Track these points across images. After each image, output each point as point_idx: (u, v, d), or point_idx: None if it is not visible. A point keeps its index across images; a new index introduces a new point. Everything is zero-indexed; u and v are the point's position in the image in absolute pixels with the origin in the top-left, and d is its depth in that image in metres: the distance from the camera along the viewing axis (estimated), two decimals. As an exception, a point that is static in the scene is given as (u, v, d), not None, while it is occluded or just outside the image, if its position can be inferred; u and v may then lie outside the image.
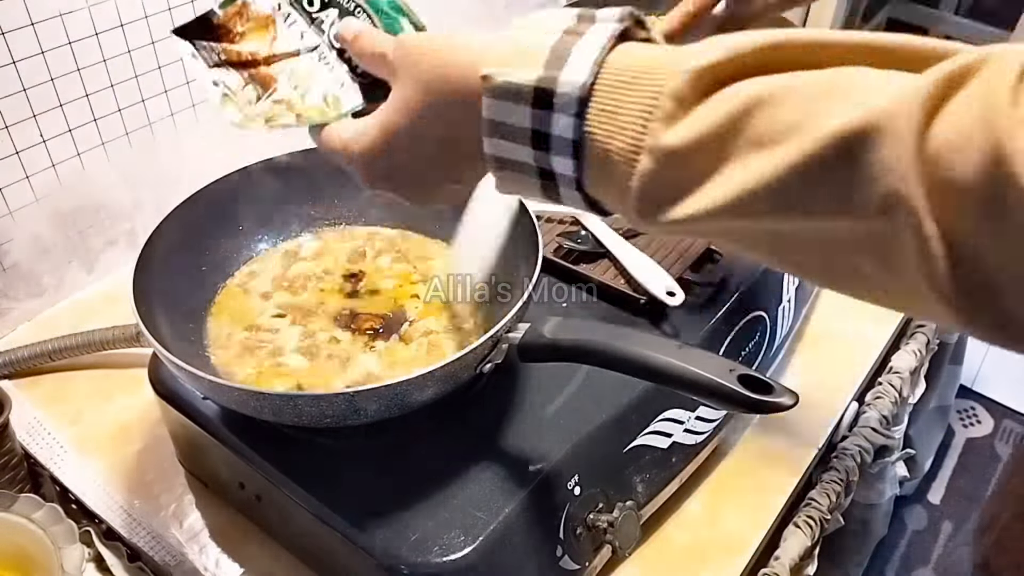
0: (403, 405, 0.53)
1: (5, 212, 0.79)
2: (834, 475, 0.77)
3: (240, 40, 0.55)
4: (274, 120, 0.52)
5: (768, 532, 0.70)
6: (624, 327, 0.53)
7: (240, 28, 0.55)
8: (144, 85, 0.84)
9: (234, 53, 0.55)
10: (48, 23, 0.74)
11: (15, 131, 0.76)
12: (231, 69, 0.54)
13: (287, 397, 0.53)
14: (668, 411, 0.65)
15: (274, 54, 0.54)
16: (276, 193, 0.70)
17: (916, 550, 1.53)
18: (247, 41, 0.55)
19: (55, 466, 0.71)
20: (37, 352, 0.78)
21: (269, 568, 0.64)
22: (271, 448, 0.58)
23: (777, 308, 0.77)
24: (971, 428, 1.75)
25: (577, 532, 0.59)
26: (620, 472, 0.63)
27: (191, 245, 0.66)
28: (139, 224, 0.90)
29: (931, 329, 0.93)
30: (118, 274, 0.90)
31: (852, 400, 0.83)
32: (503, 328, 0.53)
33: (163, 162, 0.89)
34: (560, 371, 0.62)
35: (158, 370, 0.64)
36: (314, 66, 0.53)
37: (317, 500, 0.55)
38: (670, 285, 0.68)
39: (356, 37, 0.49)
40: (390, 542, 0.52)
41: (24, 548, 0.60)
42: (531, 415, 0.60)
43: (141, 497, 0.69)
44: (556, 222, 0.77)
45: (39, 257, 0.83)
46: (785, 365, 0.84)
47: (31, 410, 0.76)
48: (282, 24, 0.54)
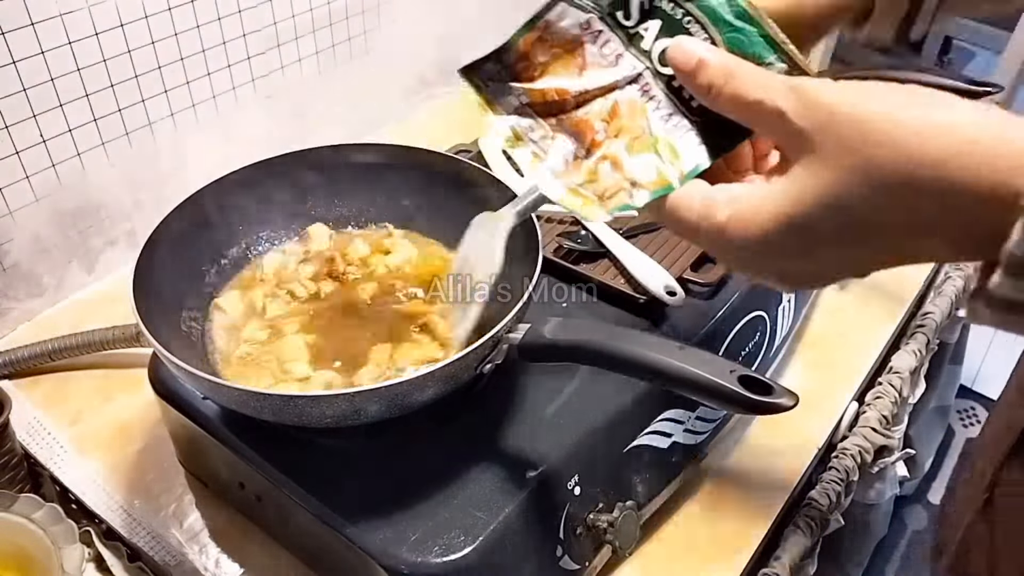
0: (403, 405, 0.53)
1: (5, 212, 0.79)
2: (834, 475, 0.77)
3: (543, 75, 0.42)
4: (613, 199, 0.40)
5: (768, 532, 0.70)
6: (624, 327, 0.53)
7: (542, 58, 0.42)
8: (144, 85, 0.84)
9: (538, 94, 0.42)
10: (48, 23, 0.74)
11: (15, 131, 0.76)
12: (536, 117, 0.43)
13: (287, 397, 0.53)
14: (668, 411, 0.65)
15: (586, 90, 0.42)
16: (276, 193, 0.70)
17: (916, 550, 1.53)
18: (551, 75, 0.42)
19: (55, 466, 0.71)
20: (37, 352, 0.78)
21: (269, 568, 0.64)
22: (271, 448, 0.58)
23: (777, 308, 0.77)
24: (971, 428, 1.75)
25: (577, 532, 0.59)
26: (620, 472, 0.63)
27: (191, 245, 0.65)
28: (139, 224, 0.90)
29: (931, 329, 0.93)
30: (118, 274, 0.90)
31: (852, 400, 0.83)
32: (503, 328, 0.53)
33: (163, 162, 0.89)
34: (560, 371, 0.62)
35: (158, 370, 0.64)
36: (637, 103, 0.40)
37: (317, 500, 0.55)
38: (670, 284, 0.68)
39: (727, 76, 0.35)
40: (390, 542, 0.52)
41: (24, 548, 0.60)
42: (531, 415, 0.60)
43: (141, 497, 0.69)
44: (556, 222, 0.77)
45: (39, 257, 0.83)
46: (785, 365, 0.84)
47: (31, 410, 0.76)
48: (592, 47, 0.41)
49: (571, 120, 0.42)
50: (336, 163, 0.72)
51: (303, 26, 0.97)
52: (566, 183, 0.42)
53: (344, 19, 1.02)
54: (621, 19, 0.40)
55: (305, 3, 0.96)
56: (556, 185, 0.42)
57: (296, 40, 0.97)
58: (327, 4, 0.99)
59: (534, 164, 0.42)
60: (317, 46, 1.00)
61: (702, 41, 0.38)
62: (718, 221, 0.36)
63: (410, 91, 1.19)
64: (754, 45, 0.37)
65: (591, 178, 0.41)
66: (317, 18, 0.98)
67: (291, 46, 0.97)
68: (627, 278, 0.70)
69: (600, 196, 0.40)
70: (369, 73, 1.09)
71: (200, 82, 0.89)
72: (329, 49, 1.02)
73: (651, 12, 0.39)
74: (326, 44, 1.02)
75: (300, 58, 0.99)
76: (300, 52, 0.99)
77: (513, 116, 0.43)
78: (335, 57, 1.04)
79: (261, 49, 0.94)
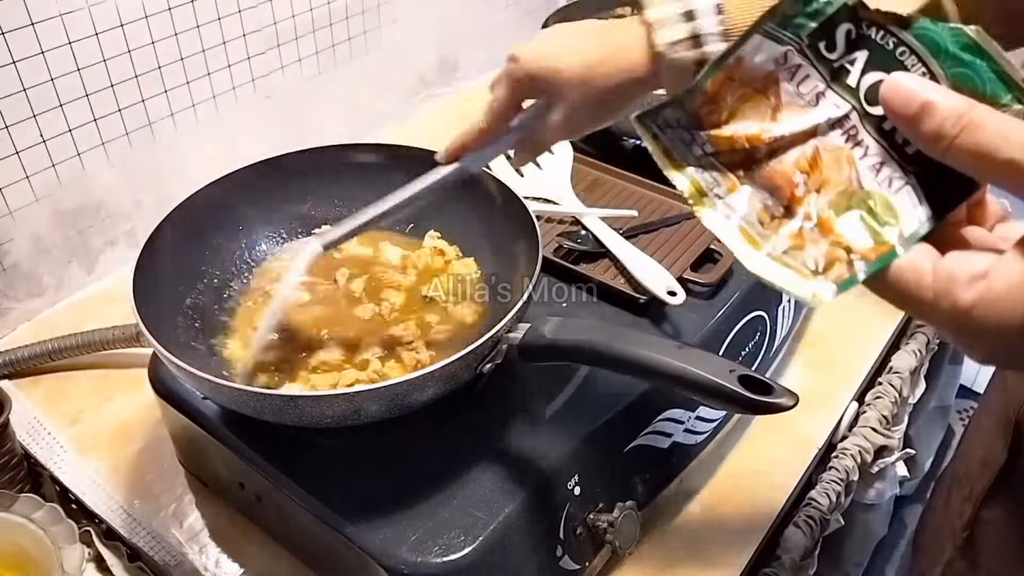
0: (403, 405, 0.53)
1: (5, 212, 0.79)
2: (834, 475, 0.77)
3: (731, 119, 0.36)
4: (830, 271, 0.34)
5: (768, 532, 0.70)
6: (624, 327, 0.53)
7: (730, 100, 0.36)
8: (144, 85, 0.84)
9: (725, 142, 0.36)
10: (48, 23, 0.74)
11: (15, 131, 0.76)
12: (722, 169, 0.37)
13: (287, 397, 0.53)
14: (668, 411, 0.65)
15: (782, 135, 0.35)
16: (276, 193, 0.70)
17: (916, 550, 1.53)
18: (740, 119, 0.36)
19: (55, 466, 0.71)
20: (37, 352, 0.78)
21: (269, 568, 0.64)
22: (271, 448, 0.58)
23: (777, 308, 0.77)
24: (971, 428, 1.74)
25: (577, 532, 0.59)
26: (620, 472, 0.63)
27: (191, 245, 0.65)
28: (139, 224, 0.90)
29: (931, 329, 0.93)
30: (118, 274, 0.90)
31: (852, 400, 0.83)
32: (503, 328, 0.53)
33: (163, 162, 0.89)
34: (560, 371, 0.62)
35: (158, 370, 0.64)
36: (842, 151, 0.34)
37: (317, 500, 0.55)
38: (671, 284, 0.68)
39: (963, 125, 0.29)
40: (390, 542, 0.52)
41: (24, 548, 0.60)
42: (531, 415, 0.60)
43: (141, 497, 0.69)
44: (556, 222, 0.77)
45: (39, 257, 0.83)
46: (785, 365, 0.84)
47: (31, 410, 0.76)
48: (788, 85, 0.35)
49: (765, 172, 0.36)
50: (336, 163, 0.72)
51: (303, 26, 0.97)
52: (768, 251, 0.35)
53: (344, 19, 1.02)
54: (823, 50, 0.34)
55: (305, 3, 0.96)
56: (760, 257, 0.36)
57: (296, 40, 0.97)
58: (327, 4, 0.99)
59: (744, 245, 0.35)
60: (317, 46, 1.00)
61: (921, 77, 0.31)
62: (963, 303, 0.29)
63: (410, 91, 1.19)
64: (986, 83, 0.30)
65: (796, 244, 0.35)
66: (317, 18, 0.98)
67: (291, 46, 0.97)
68: (627, 278, 0.70)
69: (814, 268, 0.34)
70: (369, 73, 1.09)
71: (200, 82, 0.89)
72: (329, 49, 1.02)
73: (858, 42, 0.33)
74: (326, 44, 1.02)
75: (300, 58, 0.99)
76: (300, 52, 0.99)
77: (694, 168, 0.37)
78: (335, 57, 1.04)
79: (261, 49, 0.94)
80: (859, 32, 0.33)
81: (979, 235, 0.34)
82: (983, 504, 0.70)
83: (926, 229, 0.32)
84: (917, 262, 0.31)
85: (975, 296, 0.29)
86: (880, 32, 0.33)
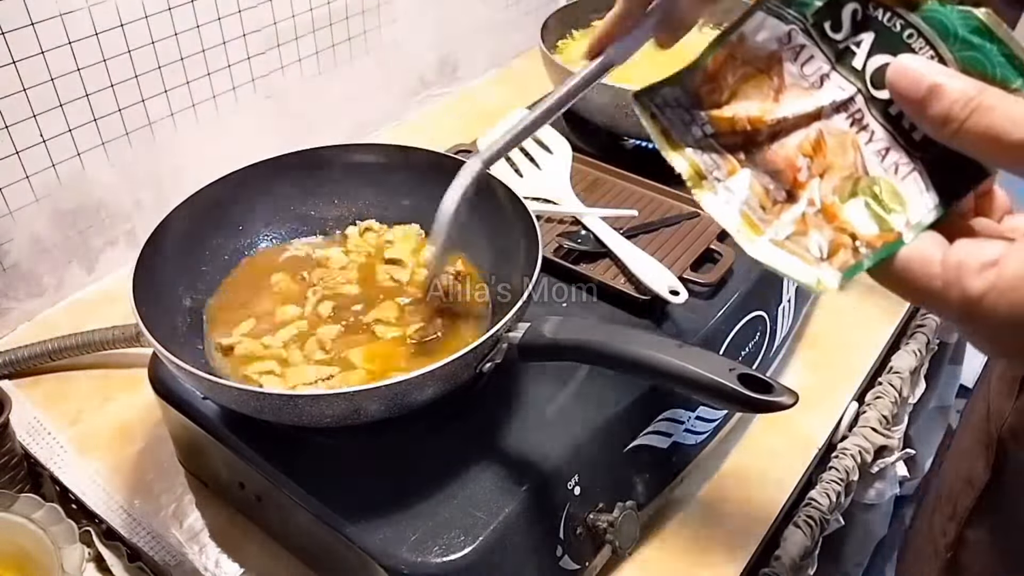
0: (403, 405, 0.53)
1: (5, 212, 0.79)
2: (834, 475, 0.77)
3: (732, 99, 0.35)
4: (835, 259, 0.33)
5: (768, 532, 0.70)
6: (624, 327, 0.53)
7: (731, 79, 0.35)
8: (144, 85, 0.84)
9: (725, 123, 0.35)
10: (48, 23, 0.74)
11: (15, 131, 0.76)
12: (722, 151, 0.36)
13: (287, 397, 0.53)
14: (668, 411, 0.65)
15: (783, 118, 0.34)
16: (276, 193, 0.70)
17: (916, 550, 1.53)
18: (742, 100, 0.35)
19: (55, 466, 0.71)
20: (37, 352, 0.78)
21: (269, 568, 0.64)
22: (271, 448, 0.58)
23: (777, 308, 0.77)
24: (971, 428, 1.74)
25: (577, 532, 0.59)
26: (620, 472, 0.63)
27: (191, 245, 0.65)
28: (139, 224, 0.90)
29: (931, 329, 0.93)
30: (118, 274, 0.90)
31: (852, 400, 0.83)
32: (503, 328, 0.53)
33: (163, 162, 0.89)
34: (560, 371, 0.62)
35: (158, 370, 0.64)
36: (847, 135, 0.33)
37: (317, 500, 0.55)
38: (673, 284, 0.68)
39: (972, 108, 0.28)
40: (390, 542, 0.52)
41: (24, 548, 0.60)
42: (531, 415, 0.60)
43: (141, 497, 0.69)
44: (556, 222, 0.77)
45: (39, 257, 0.83)
46: (785, 365, 0.84)
47: (31, 410, 0.76)
48: (791, 66, 0.34)
49: (766, 155, 0.35)
50: (336, 163, 0.72)
51: (303, 26, 0.97)
52: (771, 236, 0.34)
53: (344, 19, 1.02)
54: (828, 31, 0.33)
55: (305, 3, 0.96)
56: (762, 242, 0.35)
57: (296, 40, 0.97)
58: (327, 4, 0.99)
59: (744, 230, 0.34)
60: (317, 46, 1.00)
61: (929, 60, 0.30)
62: (973, 292, 0.28)
63: (410, 91, 1.19)
64: (996, 67, 0.29)
65: (800, 229, 0.34)
66: (317, 18, 0.98)
67: (291, 46, 0.97)
68: (628, 278, 0.70)
69: (818, 254, 0.33)
70: (369, 73, 1.09)
71: (200, 82, 0.89)
72: (329, 49, 1.02)
73: (864, 23, 0.32)
74: (326, 44, 1.02)
75: (300, 58, 0.99)
76: (300, 52, 0.99)
77: (693, 150, 0.36)
78: (335, 57, 1.04)
79: (261, 49, 0.94)
80: (865, 13, 0.32)
81: (987, 225, 0.33)
82: (967, 524, 0.69)
83: (933, 217, 0.31)
84: (925, 250, 0.30)
85: (986, 285, 0.28)
86: (887, 13, 0.32)
